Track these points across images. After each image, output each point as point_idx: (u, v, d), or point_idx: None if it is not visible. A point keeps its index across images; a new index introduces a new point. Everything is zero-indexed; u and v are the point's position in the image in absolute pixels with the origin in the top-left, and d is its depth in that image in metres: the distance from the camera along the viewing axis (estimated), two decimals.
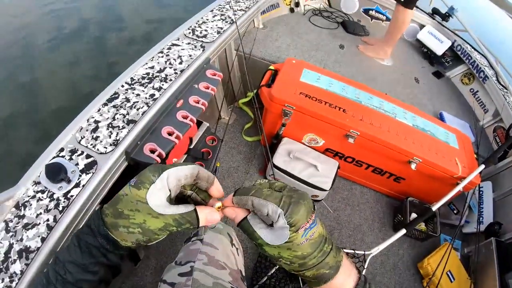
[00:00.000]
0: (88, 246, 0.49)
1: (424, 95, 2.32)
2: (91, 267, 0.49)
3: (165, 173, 0.48)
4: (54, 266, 0.49)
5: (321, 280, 0.50)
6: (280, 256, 0.49)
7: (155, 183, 0.47)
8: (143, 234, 0.48)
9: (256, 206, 0.49)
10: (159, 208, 0.47)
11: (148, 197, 0.46)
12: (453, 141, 1.77)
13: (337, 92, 1.74)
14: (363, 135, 1.62)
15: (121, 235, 0.48)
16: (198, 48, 1.47)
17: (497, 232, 1.70)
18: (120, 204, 0.48)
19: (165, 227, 0.48)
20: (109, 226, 0.48)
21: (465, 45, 2.63)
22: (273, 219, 0.47)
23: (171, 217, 0.47)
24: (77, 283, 0.49)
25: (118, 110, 1.13)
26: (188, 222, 0.49)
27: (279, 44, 2.18)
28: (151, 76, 1.28)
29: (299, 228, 0.46)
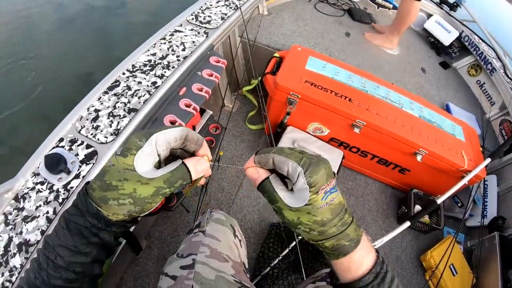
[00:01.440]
0: (78, 227, 0.47)
1: (430, 86, 2.28)
2: (83, 248, 0.47)
3: (153, 136, 0.46)
4: (44, 251, 0.47)
5: (340, 252, 0.48)
6: (300, 221, 0.47)
7: (143, 148, 0.45)
8: (134, 204, 0.46)
9: (276, 163, 0.48)
10: (148, 173, 0.45)
11: (135, 163, 0.45)
12: (459, 133, 1.74)
13: (343, 81, 1.71)
14: (369, 125, 1.59)
15: (111, 209, 0.46)
16: (201, 34, 1.43)
17: (500, 226, 1.69)
18: (107, 175, 0.45)
19: (157, 191, 0.46)
20: (97, 201, 0.46)
21: (473, 36, 2.58)
22: (293, 178, 0.47)
23: (161, 178, 0.46)
24: (69, 266, 0.47)
25: (119, 98, 1.10)
26: (180, 179, 0.47)
27: (284, 31, 2.13)
28: (153, 63, 1.24)
29: (319, 190, 0.45)
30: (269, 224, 1.67)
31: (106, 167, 0.46)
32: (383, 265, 0.50)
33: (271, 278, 1.48)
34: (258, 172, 0.51)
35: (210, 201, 1.73)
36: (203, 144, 0.51)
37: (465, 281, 1.62)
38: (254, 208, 1.75)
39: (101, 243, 0.49)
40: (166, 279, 0.77)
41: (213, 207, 1.71)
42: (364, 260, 0.49)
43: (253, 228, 1.68)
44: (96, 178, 0.47)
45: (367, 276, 0.48)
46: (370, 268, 0.49)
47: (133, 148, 0.45)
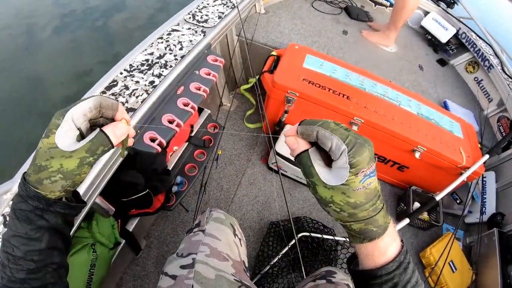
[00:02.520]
0: (23, 213, 0.48)
1: (428, 83, 2.28)
2: (33, 234, 0.49)
3: (68, 113, 0.47)
4: (3, 247, 0.49)
5: (366, 237, 0.47)
6: (332, 200, 0.46)
7: (61, 125, 0.47)
8: (65, 178, 0.48)
9: (320, 137, 0.46)
10: (70, 147, 0.47)
11: (57, 141, 0.46)
12: (457, 130, 1.74)
13: (341, 79, 1.71)
14: (367, 123, 1.59)
15: (47, 188, 0.48)
16: (198, 33, 1.42)
17: (499, 223, 1.69)
18: (37, 158, 0.47)
19: (81, 162, 0.48)
20: (34, 184, 0.48)
21: (470, 33, 2.58)
22: (335, 155, 0.45)
23: (83, 149, 0.47)
24: (26, 255, 0.48)
25: (117, 98, 1.09)
26: (100, 145, 0.49)
27: (281, 30, 2.13)
28: (150, 63, 1.24)
29: (359, 172, 0.43)
30: (269, 222, 1.67)
31: (36, 151, 0.48)
32: (407, 255, 0.49)
33: (271, 276, 1.48)
34: (298, 142, 0.50)
35: (209, 200, 1.73)
36: (118, 108, 0.52)
37: (465, 277, 1.62)
38: (253, 206, 1.75)
39: (49, 226, 0.51)
40: (166, 278, 0.77)
41: (212, 206, 1.71)
42: (389, 247, 0.48)
43: (252, 226, 1.68)
44: (30, 164, 0.49)
45: (390, 264, 0.47)
46: (394, 256, 0.48)
47: (53, 128, 0.47)
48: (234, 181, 1.84)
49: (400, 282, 0.47)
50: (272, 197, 1.81)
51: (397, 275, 0.47)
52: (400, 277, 0.47)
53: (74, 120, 0.48)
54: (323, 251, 1.57)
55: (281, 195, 1.80)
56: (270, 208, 1.77)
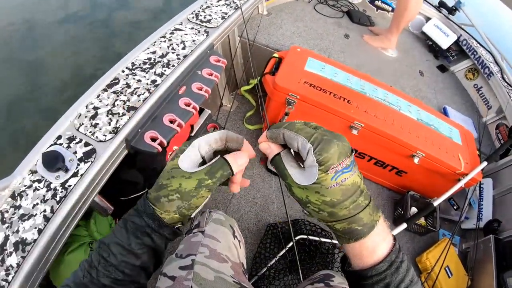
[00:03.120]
0: (134, 226, 0.51)
1: (428, 89, 2.28)
2: (136, 248, 0.50)
3: (195, 141, 0.52)
4: (99, 249, 0.51)
5: (351, 236, 0.46)
6: (308, 200, 0.46)
7: (186, 150, 0.51)
8: (181, 198, 0.49)
9: (287, 139, 0.48)
10: (190, 169, 0.50)
11: (180, 162, 0.50)
12: (456, 136, 1.75)
13: (342, 83, 1.71)
14: (367, 127, 1.59)
15: (163, 206, 0.50)
16: (201, 33, 1.42)
17: (495, 229, 1.69)
18: (161, 178, 0.51)
19: (199, 183, 0.49)
20: (152, 201, 0.51)
21: (471, 40, 2.59)
22: (303, 154, 0.46)
23: (202, 171, 0.49)
24: (120, 265, 0.50)
25: (118, 96, 1.09)
26: (219, 169, 0.50)
27: (283, 32, 2.13)
28: (153, 62, 1.23)
29: (329, 169, 0.43)
30: (266, 224, 1.67)
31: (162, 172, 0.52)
32: (399, 253, 0.48)
33: (267, 278, 1.48)
34: (270, 147, 0.52)
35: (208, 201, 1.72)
36: (244, 142, 0.55)
37: (460, 283, 1.62)
38: (251, 208, 1.75)
39: (152, 246, 0.52)
40: (164, 279, 0.77)
41: (210, 207, 1.71)
42: (378, 247, 0.47)
43: (250, 228, 1.68)
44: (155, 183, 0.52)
45: (380, 264, 0.46)
46: (384, 256, 0.46)
47: (179, 152, 0.51)
48: None
49: (392, 282, 0.46)
50: (270, 199, 1.80)
51: (389, 275, 0.46)
52: (392, 277, 0.46)
53: (199, 148, 0.52)
54: (321, 254, 1.57)
55: (279, 197, 1.80)
56: (268, 210, 1.76)
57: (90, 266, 0.50)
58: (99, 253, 0.50)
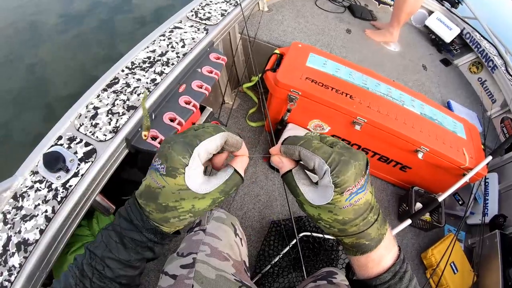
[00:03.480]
0: (134, 242, 0.47)
1: (431, 83, 2.26)
2: (135, 263, 0.48)
3: (195, 152, 0.44)
4: (90, 260, 0.47)
5: (359, 250, 0.47)
6: (320, 217, 0.46)
7: (189, 165, 0.44)
8: (194, 216, 0.47)
9: (303, 157, 0.47)
10: (202, 188, 0.45)
11: (187, 182, 0.44)
12: (460, 131, 1.73)
13: (344, 78, 1.69)
14: (370, 123, 1.58)
15: (174, 225, 0.48)
16: (201, 31, 1.41)
17: (501, 224, 1.68)
18: (161, 198, 0.45)
19: (213, 202, 0.47)
20: (158, 221, 0.47)
21: (474, 33, 2.56)
22: (319, 175, 0.45)
23: (217, 190, 0.46)
24: (117, 278, 0.48)
25: (118, 95, 1.09)
26: (233, 186, 0.48)
27: (284, 28, 2.11)
28: (152, 60, 1.23)
29: (345, 191, 0.43)
30: (270, 221, 1.67)
31: (155, 188, 0.45)
32: (403, 264, 0.49)
33: (271, 276, 1.48)
34: (283, 162, 0.50)
35: None
36: (242, 146, 0.52)
37: (466, 279, 1.61)
38: (254, 205, 1.74)
39: (152, 257, 0.50)
40: (166, 278, 0.76)
41: None
42: (384, 259, 0.48)
43: (253, 225, 1.68)
44: (147, 199, 0.46)
45: (384, 275, 0.47)
46: (389, 266, 0.47)
47: (179, 167, 0.43)
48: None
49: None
50: (273, 196, 1.80)
51: (392, 284, 0.47)
52: (396, 287, 0.47)
53: (200, 157, 0.45)
54: (324, 251, 1.56)
55: (282, 194, 1.79)
56: (272, 207, 1.76)
57: (83, 275, 0.47)
58: (91, 264, 0.47)
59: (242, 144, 0.51)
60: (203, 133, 0.46)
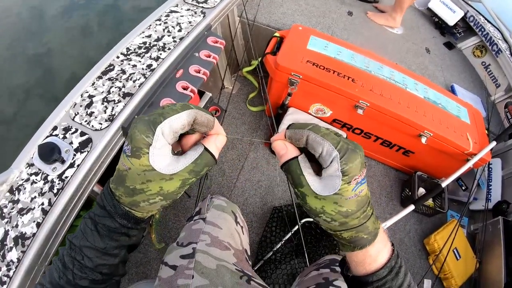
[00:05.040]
0: (108, 228, 0.45)
1: (435, 66, 2.22)
2: (111, 250, 0.46)
3: (158, 129, 0.40)
4: (70, 251, 0.46)
5: (357, 245, 0.45)
6: (323, 211, 0.44)
7: (153, 145, 0.40)
8: (165, 199, 0.44)
9: (310, 142, 0.44)
10: (169, 168, 0.42)
11: (152, 163, 0.41)
12: (464, 115, 1.70)
13: (346, 61, 1.65)
14: (373, 107, 1.55)
15: (144, 209, 0.45)
16: (198, 14, 1.36)
17: (504, 211, 1.67)
18: (128, 180, 0.42)
19: (183, 183, 0.43)
20: (128, 205, 0.45)
21: (478, 17, 2.50)
22: (326, 162, 0.42)
23: (185, 170, 0.42)
24: (97, 268, 0.46)
25: (113, 83, 1.05)
26: (205, 166, 0.44)
27: (284, 10, 2.06)
28: (148, 46, 1.19)
29: (352, 180, 0.41)
30: (272, 207, 1.66)
31: (123, 171, 0.43)
32: (398, 259, 0.48)
33: (273, 262, 1.47)
34: (287, 148, 0.47)
35: (211, 185, 1.71)
36: (214, 125, 0.47)
37: (469, 265, 1.61)
38: (256, 191, 1.73)
39: (130, 243, 0.49)
40: (166, 268, 0.75)
41: (214, 191, 1.69)
42: (380, 254, 0.47)
43: (255, 212, 1.67)
44: (116, 183, 0.44)
45: (381, 270, 0.46)
46: (385, 262, 0.46)
47: (142, 146, 0.40)
48: (237, 165, 1.81)
49: (392, 287, 0.46)
50: (275, 182, 1.78)
51: (389, 280, 0.46)
52: (392, 282, 0.46)
53: (165, 136, 0.41)
54: (326, 237, 1.56)
55: (284, 179, 1.78)
56: (273, 193, 1.75)
57: (65, 267, 0.45)
58: (71, 255, 0.45)
59: (215, 122, 0.47)
60: (168, 111, 0.42)
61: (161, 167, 0.41)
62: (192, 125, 0.44)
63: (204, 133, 0.48)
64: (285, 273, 1.46)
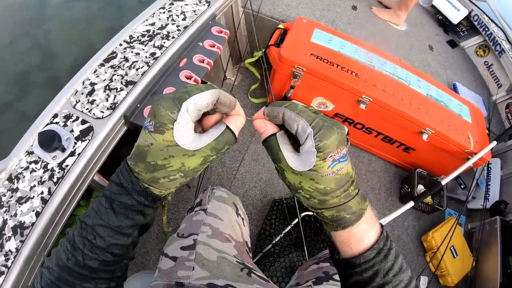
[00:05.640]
0: (124, 206, 0.45)
1: (438, 64, 2.21)
2: (125, 229, 0.45)
3: (183, 106, 0.41)
4: (81, 231, 0.44)
5: (339, 224, 0.45)
6: (301, 186, 0.44)
7: (178, 121, 0.41)
8: (185, 176, 0.45)
9: (286, 119, 0.45)
10: (192, 144, 0.43)
11: (176, 138, 0.41)
12: (466, 114, 1.70)
13: (350, 55, 1.64)
14: (376, 102, 1.55)
15: (163, 186, 0.45)
16: (203, 3, 1.34)
17: (502, 211, 1.68)
18: (149, 156, 0.43)
19: (204, 160, 0.44)
20: (147, 182, 0.44)
21: (483, 16, 2.48)
22: (301, 138, 0.43)
23: (207, 147, 0.44)
24: (109, 248, 0.45)
25: (116, 70, 1.03)
26: (226, 144, 0.46)
27: (288, 2, 2.03)
28: (151, 34, 1.17)
29: (327, 157, 0.41)
30: (271, 200, 1.65)
31: (144, 147, 0.43)
32: (387, 241, 0.46)
33: (272, 255, 1.48)
34: (266, 125, 0.48)
35: (211, 177, 1.70)
36: (236, 106, 0.48)
37: (465, 263, 1.62)
38: (256, 183, 1.72)
39: (144, 223, 0.48)
40: (166, 260, 0.74)
41: (214, 182, 1.69)
42: (366, 235, 0.46)
43: (254, 204, 1.66)
44: (136, 159, 0.44)
45: (368, 252, 0.45)
46: (372, 243, 0.45)
47: (167, 122, 0.41)
48: (237, 157, 1.80)
49: (381, 269, 0.45)
50: (275, 174, 1.78)
51: (377, 262, 0.45)
52: (381, 264, 0.45)
53: (189, 113, 0.42)
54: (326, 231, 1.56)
55: None
56: (274, 186, 1.74)
57: (74, 248, 0.44)
58: (82, 235, 0.44)
59: (236, 104, 0.48)
60: (193, 89, 0.43)
61: (184, 143, 0.42)
62: (215, 105, 0.46)
63: (225, 114, 0.49)
64: (284, 266, 1.46)
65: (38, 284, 0.43)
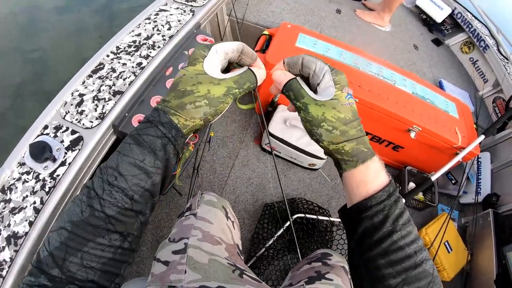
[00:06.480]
0: (149, 139, 0.46)
1: (423, 63, 2.25)
2: (149, 165, 0.46)
3: (213, 47, 0.50)
4: (101, 175, 0.44)
5: (359, 158, 0.48)
6: (324, 117, 0.48)
7: (208, 56, 0.49)
8: (209, 104, 0.48)
9: (305, 62, 0.52)
10: (219, 74, 0.49)
11: (205, 67, 0.48)
12: (452, 110, 1.72)
13: (335, 58, 1.67)
14: (362, 102, 1.57)
15: (189, 113, 0.48)
16: (187, 12, 1.37)
17: (494, 203, 1.70)
18: (181, 84, 0.48)
19: (228, 91, 0.49)
20: (175, 108, 0.47)
21: (466, 13, 2.54)
22: (319, 76, 0.51)
23: (231, 79, 0.49)
24: (130, 189, 0.44)
25: (103, 81, 1.05)
26: (247, 81, 0.51)
27: (273, 9, 2.07)
28: (138, 44, 1.19)
29: (343, 89, 0.49)
30: (263, 204, 1.66)
31: (177, 79, 0.49)
32: (396, 189, 0.48)
33: (266, 259, 1.48)
34: (285, 74, 0.54)
35: (202, 183, 1.71)
36: (257, 59, 0.55)
37: (460, 257, 1.63)
38: (247, 188, 1.73)
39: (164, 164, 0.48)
40: (158, 264, 0.75)
41: (205, 189, 1.69)
42: (381, 171, 0.48)
43: (246, 209, 1.67)
44: (170, 91, 0.49)
45: (379, 193, 0.46)
46: (384, 185, 0.47)
47: (199, 57, 0.49)
48: (227, 163, 1.81)
49: (390, 214, 0.45)
50: (266, 179, 1.79)
51: (388, 205, 0.46)
52: (391, 209, 0.46)
53: (218, 54, 0.50)
54: (318, 232, 1.57)
55: (275, 176, 1.78)
56: (265, 190, 1.75)
57: (90, 197, 0.43)
58: (102, 178, 0.44)
59: (257, 58, 0.55)
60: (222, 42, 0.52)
61: (212, 72, 0.49)
62: (239, 56, 0.53)
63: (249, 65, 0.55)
64: (278, 269, 1.47)
65: (45, 251, 0.42)
